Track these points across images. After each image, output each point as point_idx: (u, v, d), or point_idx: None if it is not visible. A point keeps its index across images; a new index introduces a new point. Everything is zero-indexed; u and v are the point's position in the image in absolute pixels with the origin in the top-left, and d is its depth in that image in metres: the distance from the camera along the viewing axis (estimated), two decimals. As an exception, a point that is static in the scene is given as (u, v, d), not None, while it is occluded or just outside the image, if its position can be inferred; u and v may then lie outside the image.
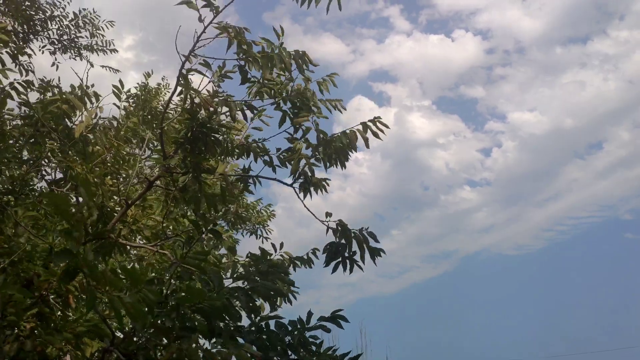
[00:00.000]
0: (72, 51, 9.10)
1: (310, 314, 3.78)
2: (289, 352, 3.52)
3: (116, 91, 4.76)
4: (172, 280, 3.43)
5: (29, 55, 7.74)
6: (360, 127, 3.99)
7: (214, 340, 2.97)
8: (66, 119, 4.12)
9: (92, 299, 2.81)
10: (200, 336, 3.18)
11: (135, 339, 3.11)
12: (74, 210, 2.95)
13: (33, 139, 4.50)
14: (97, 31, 9.14)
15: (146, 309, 3.00)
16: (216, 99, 4.25)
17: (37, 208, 4.60)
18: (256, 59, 4.09)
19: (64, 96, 4.06)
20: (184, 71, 4.29)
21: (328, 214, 4.32)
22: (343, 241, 4.12)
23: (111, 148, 4.61)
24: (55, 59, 9.18)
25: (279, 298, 4.32)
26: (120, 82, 4.78)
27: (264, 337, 3.67)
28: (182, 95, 4.26)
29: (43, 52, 8.96)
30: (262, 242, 7.85)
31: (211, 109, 4.25)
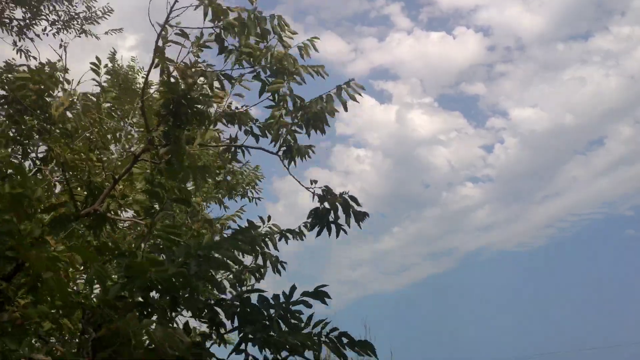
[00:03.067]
0: (75, 29, 9.06)
1: (293, 288, 3.74)
2: (269, 327, 3.49)
3: (94, 67, 4.72)
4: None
5: (32, 40, 7.75)
6: (335, 90, 3.88)
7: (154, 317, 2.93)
8: (42, 97, 4.09)
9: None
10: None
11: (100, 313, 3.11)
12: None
13: (13, 118, 4.48)
14: (90, 2, 9.06)
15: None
16: (194, 70, 4.16)
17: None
18: (232, 26, 3.99)
19: (35, 76, 4.01)
20: (160, 43, 4.22)
21: (313, 181, 4.26)
22: (328, 206, 4.06)
23: (94, 123, 4.59)
24: (62, 40, 9.14)
25: (264, 268, 4.31)
26: (97, 58, 4.73)
27: (247, 309, 3.65)
28: (158, 67, 4.19)
29: (48, 35, 8.94)
30: (256, 204, 7.79)
31: (189, 80, 4.18)
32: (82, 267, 3.76)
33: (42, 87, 3.94)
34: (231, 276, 4.10)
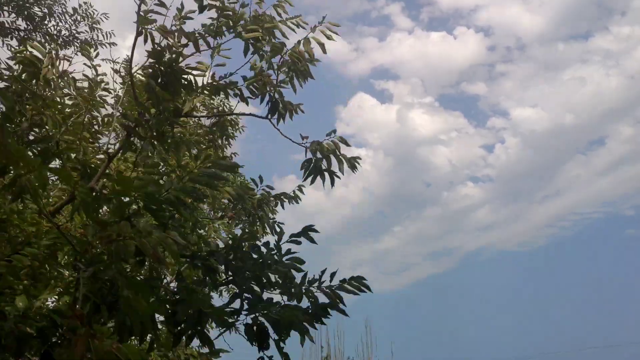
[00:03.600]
0: (73, 46, 9.28)
1: (282, 233, 3.68)
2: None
3: (85, 52, 4.79)
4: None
5: (29, 52, 7.93)
6: (312, 34, 3.86)
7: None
8: (37, 71, 4.17)
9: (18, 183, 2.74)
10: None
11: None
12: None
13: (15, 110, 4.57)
14: (95, 25, 9.29)
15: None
16: (176, 32, 4.21)
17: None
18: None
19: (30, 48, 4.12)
20: (141, 13, 4.28)
21: (303, 137, 4.22)
22: (320, 156, 4.01)
23: (87, 105, 4.65)
24: (57, 54, 9.38)
25: (257, 226, 4.26)
26: (87, 41, 4.81)
27: (239, 257, 3.60)
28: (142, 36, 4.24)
29: (46, 48, 9.17)
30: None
31: (173, 47, 4.22)
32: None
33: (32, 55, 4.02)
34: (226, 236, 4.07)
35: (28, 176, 2.45)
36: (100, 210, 3.34)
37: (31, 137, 4.16)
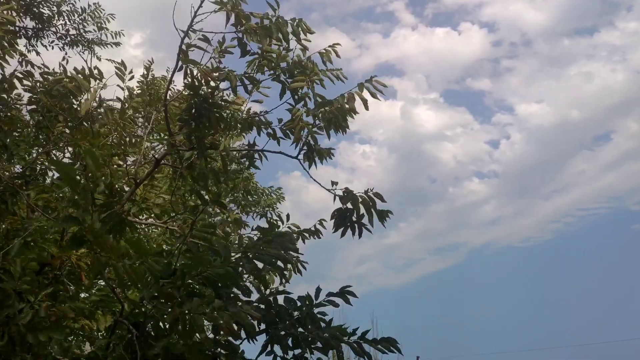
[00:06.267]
0: (81, 45, 9.21)
1: (319, 290, 3.79)
2: (297, 326, 3.54)
3: (119, 72, 4.82)
4: (180, 254, 3.46)
5: (38, 53, 7.87)
6: (357, 89, 3.98)
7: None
8: (72, 98, 4.19)
9: (98, 265, 2.89)
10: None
11: (143, 309, 3.16)
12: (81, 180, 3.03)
13: (41, 124, 4.59)
14: (102, 24, 9.24)
15: (151, 278, 3.08)
16: (216, 74, 4.28)
17: (49, 192, 4.70)
18: (254, 30, 4.11)
19: (69, 76, 4.13)
20: (183, 47, 4.33)
21: (334, 183, 4.33)
22: (350, 206, 4.13)
23: (117, 128, 4.68)
24: (66, 54, 9.32)
25: (289, 270, 4.35)
26: (123, 62, 4.83)
27: (273, 312, 3.69)
28: (182, 71, 4.29)
29: (53, 48, 9.10)
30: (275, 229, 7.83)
31: (211, 81, 4.28)
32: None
33: (73, 86, 4.03)
34: (255, 280, 4.15)
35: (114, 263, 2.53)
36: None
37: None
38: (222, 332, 2.73)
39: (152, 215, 4.78)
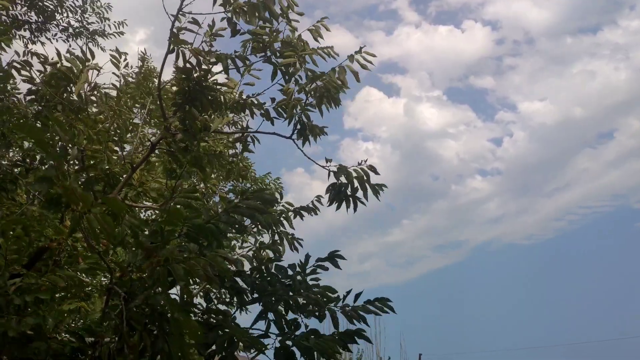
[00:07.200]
0: (85, 37, 9.28)
1: (308, 257, 3.82)
2: (289, 292, 3.57)
3: (114, 60, 4.85)
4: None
5: (43, 44, 7.94)
6: (347, 62, 3.97)
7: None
8: (67, 83, 4.24)
9: (74, 220, 2.85)
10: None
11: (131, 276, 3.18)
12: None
13: (40, 114, 4.64)
14: (102, 14, 9.30)
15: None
16: (208, 57, 4.29)
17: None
18: (242, 9, 4.11)
19: (65, 60, 4.18)
20: (174, 30, 4.35)
21: (328, 160, 4.34)
22: (345, 180, 4.13)
23: (114, 115, 4.72)
24: (70, 46, 9.40)
25: (282, 245, 4.37)
26: (117, 50, 4.86)
27: (265, 281, 3.72)
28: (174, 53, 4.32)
29: (57, 41, 9.17)
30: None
31: (203, 64, 4.30)
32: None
33: (68, 69, 4.08)
34: (249, 253, 4.17)
35: (88, 215, 2.54)
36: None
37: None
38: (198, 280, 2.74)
39: (149, 198, 4.82)
